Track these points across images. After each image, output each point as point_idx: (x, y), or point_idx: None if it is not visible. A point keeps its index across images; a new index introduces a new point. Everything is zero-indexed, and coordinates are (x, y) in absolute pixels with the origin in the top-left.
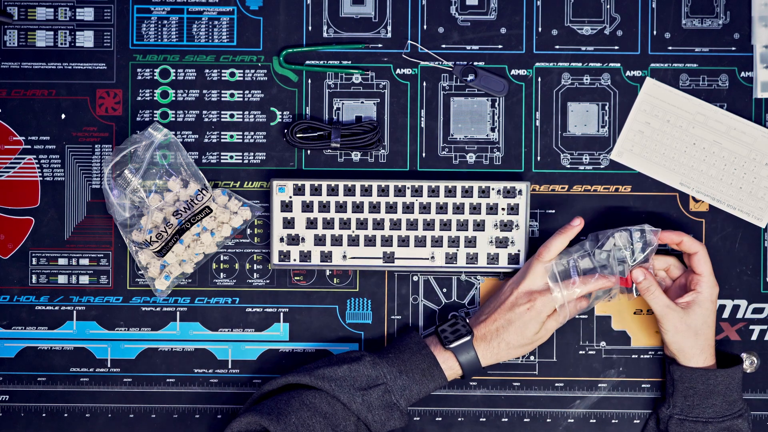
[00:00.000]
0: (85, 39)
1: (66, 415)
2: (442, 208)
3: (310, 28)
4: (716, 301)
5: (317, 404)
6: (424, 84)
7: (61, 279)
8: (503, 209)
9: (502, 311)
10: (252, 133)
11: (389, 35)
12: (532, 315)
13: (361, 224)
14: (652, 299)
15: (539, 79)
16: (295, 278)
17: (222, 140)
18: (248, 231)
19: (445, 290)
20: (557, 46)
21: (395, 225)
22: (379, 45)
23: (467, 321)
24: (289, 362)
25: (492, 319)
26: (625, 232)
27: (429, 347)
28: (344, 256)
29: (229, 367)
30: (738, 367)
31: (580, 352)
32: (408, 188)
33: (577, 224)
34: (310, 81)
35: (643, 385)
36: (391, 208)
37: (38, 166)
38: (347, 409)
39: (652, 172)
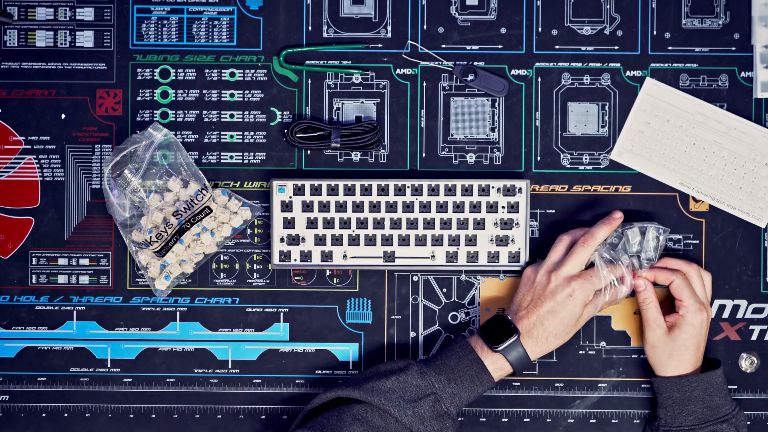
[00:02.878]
0: (85, 39)
1: (66, 415)
2: (442, 207)
3: (310, 28)
4: (700, 325)
5: (369, 418)
6: (424, 84)
7: (61, 279)
8: (503, 207)
9: (542, 301)
10: (252, 133)
11: (389, 35)
12: (575, 302)
13: (362, 224)
14: (645, 310)
15: (539, 79)
16: (295, 278)
17: (222, 140)
18: (248, 231)
19: (445, 290)
20: (557, 46)
21: (395, 224)
22: (379, 45)
23: (508, 317)
24: (289, 362)
25: (534, 312)
26: (637, 228)
27: (476, 351)
28: (345, 256)
29: (229, 367)
30: (714, 371)
31: (580, 352)
32: (408, 187)
33: (618, 216)
34: (310, 81)
35: (643, 385)
36: (391, 207)
37: (38, 166)
38: (397, 422)
39: (652, 172)
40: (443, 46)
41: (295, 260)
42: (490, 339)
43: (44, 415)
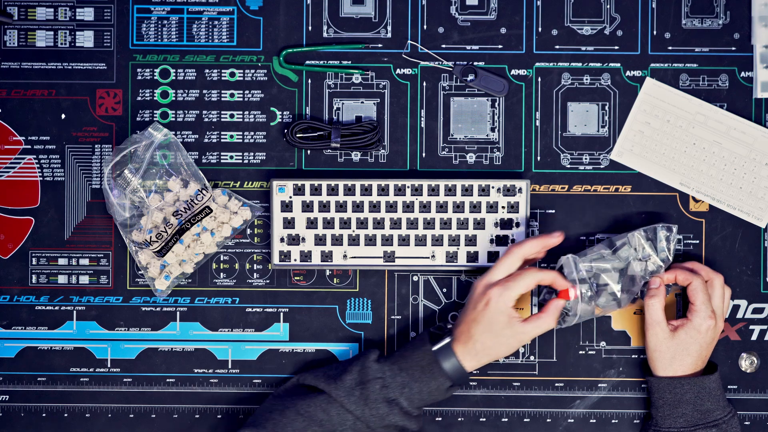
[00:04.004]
0: (85, 39)
1: (66, 415)
2: (442, 207)
3: (310, 28)
4: (706, 331)
5: (312, 412)
6: (424, 84)
7: (61, 279)
8: (503, 207)
9: (467, 310)
10: (252, 133)
11: (389, 35)
12: (491, 310)
13: (362, 224)
14: (650, 310)
15: (539, 79)
16: (295, 278)
17: (222, 140)
18: (248, 231)
19: (445, 290)
20: (557, 46)
21: (395, 224)
22: (379, 45)
23: (453, 323)
24: (289, 362)
25: (464, 321)
26: (642, 231)
27: (430, 344)
28: (345, 256)
29: (229, 367)
30: (708, 376)
31: (580, 352)
32: (408, 187)
33: (557, 235)
34: (310, 81)
35: (643, 385)
36: (391, 207)
37: (38, 166)
38: (344, 409)
39: (652, 172)
40: (443, 46)
41: (295, 260)
42: (433, 337)
43: (44, 415)
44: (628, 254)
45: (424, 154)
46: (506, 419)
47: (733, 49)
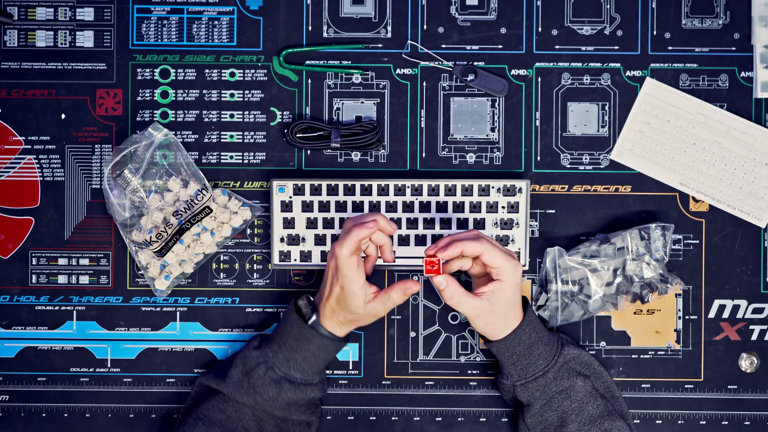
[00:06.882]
0: (85, 39)
1: (66, 415)
2: (442, 207)
3: (310, 28)
4: (520, 279)
5: (210, 415)
6: (424, 84)
7: (61, 279)
8: (503, 207)
9: (323, 287)
10: (252, 133)
11: (389, 35)
12: (331, 266)
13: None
14: (459, 305)
15: (539, 79)
16: (295, 278)
17: (222, 140)
18: (248, 231)
19: None
20: (557, 46)
21: (395, 224)
22: (379, 45)
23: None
24: None
25: (323, 296)
26: (636, 230)
27: (296, 314)
28: None
29: None
30: (527, 308)
31: None
32: (408, 187)
33: (389, 228)
34: (310, 81)
35: (643, 385)
36: (391, 207)
37: (38, 166)
38: (238, 404)
39: (652, 172)
40: (443, 46)
41: (295, 260)
42: (299, 308)
43: (44, 415)
44: (622, 253)
45: (424, 154)
46: (506, 419)
47: (733, 49)
